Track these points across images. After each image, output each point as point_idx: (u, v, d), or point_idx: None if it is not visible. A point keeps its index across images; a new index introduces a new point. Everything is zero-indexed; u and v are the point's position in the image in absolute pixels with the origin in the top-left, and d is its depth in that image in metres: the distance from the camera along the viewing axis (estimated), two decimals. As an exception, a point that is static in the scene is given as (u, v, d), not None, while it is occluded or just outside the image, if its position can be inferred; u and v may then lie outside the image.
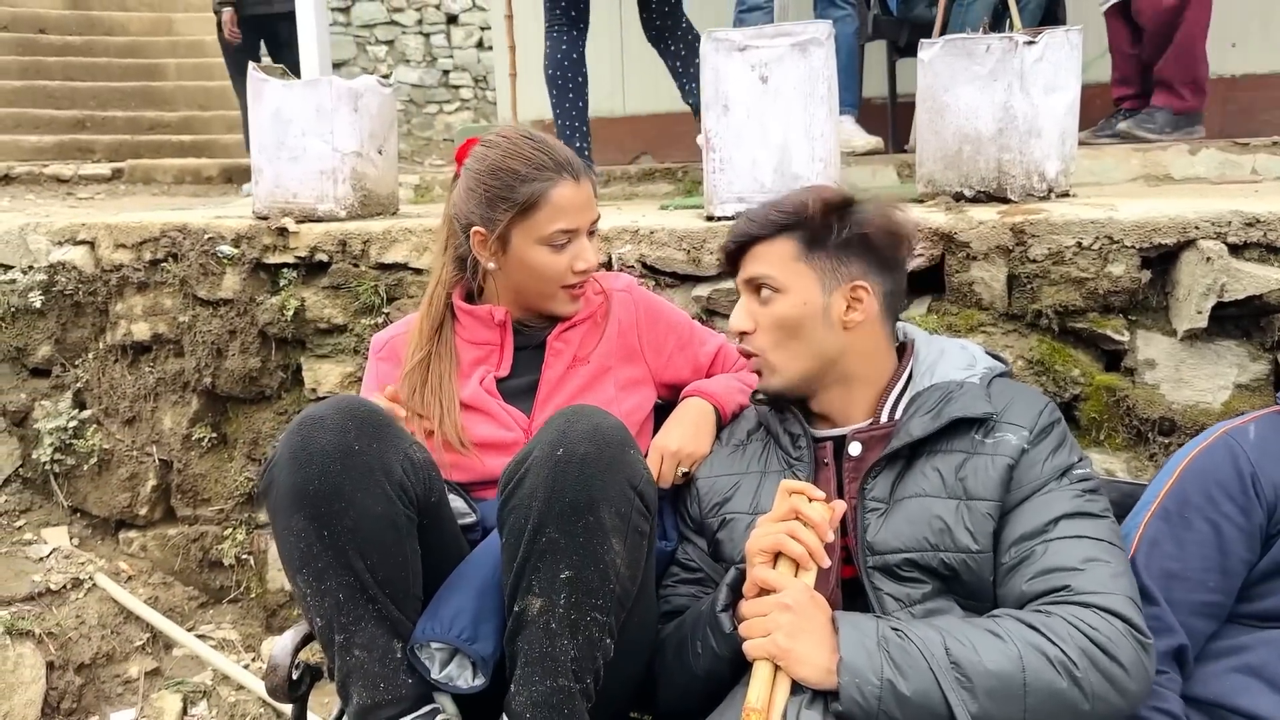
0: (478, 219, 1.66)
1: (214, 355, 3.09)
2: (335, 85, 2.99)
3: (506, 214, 1.63)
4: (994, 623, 1.26)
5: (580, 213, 1.66)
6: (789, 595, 1.28)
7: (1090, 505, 1.36)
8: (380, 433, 1.38)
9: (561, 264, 1.66)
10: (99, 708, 3.04)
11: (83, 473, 3.39)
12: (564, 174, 1.64)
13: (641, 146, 4.95)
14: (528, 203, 1.62)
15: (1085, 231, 2.07)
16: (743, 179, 2.46)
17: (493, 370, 1.73)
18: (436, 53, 9.88)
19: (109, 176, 6.52)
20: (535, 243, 1.65)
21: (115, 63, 8.10)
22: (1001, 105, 2.34)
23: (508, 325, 1.73)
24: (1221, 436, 1.43)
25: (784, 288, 1.48)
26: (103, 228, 3.29)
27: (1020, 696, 1.19)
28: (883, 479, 1.42)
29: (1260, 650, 1.36)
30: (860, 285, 1.47)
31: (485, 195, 1.65)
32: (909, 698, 1.19)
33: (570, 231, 1.65)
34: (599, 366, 1.74)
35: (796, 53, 2.39)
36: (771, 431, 1.58)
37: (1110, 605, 1.25)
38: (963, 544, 1.35)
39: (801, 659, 1.24)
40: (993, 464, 1.38)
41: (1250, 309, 1.96)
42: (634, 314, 1.82)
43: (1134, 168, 3.13)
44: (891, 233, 1.49)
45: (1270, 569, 1.36)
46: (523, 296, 1.72)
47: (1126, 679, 1.22)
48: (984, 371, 1.49)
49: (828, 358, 1.48)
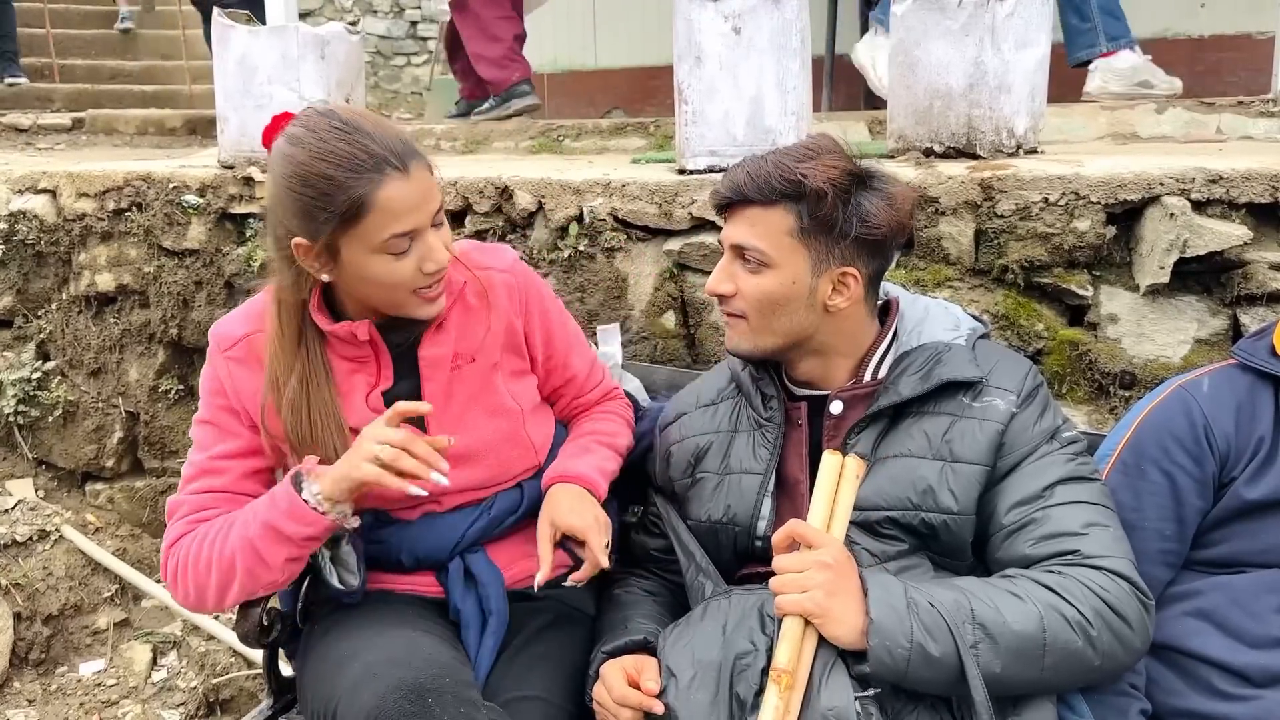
0: (297, 229, 1.42)
1: (180, 306, 3.06)
2: (302, 32, 2.94)
3: (329, 224, 1.39)
4: (1012, 583, 1.28)
5: (417, 210, 1.42)
6: (828, 553, 1.28)
7: (1082, 468, 1.39)
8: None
9: (407, 269, 1.44)
10: (68, 658, 3.04)
11: (47, 424, 3.36)
12: (387, 169, 1.39)
13: (613, 100, 4.92)
14: (350, 212, 1.38)
15: (1052, 187, 2.09)
16: (715, 131, 2.45)
17: (374, 385, 1.57)
18: (404, 3, 9.71)
19: (69, 127, 6.37)
20: (370, 252, 1.42)
21: (74, 9, 7.89)
22: (973, 61, 2.34)
23: (377, 339, 1.55)
24: (1176, 390, 1.47)
25: (774, 263, 1.42)
26: (64, 176, 3.23)
27: (1040, 656, 1.23)
28: (865, 436, 1.43)
29: (1211, 595, 1.40)
30: (849, 272, 1.43)
31: (299, 205, 1.41)
32: (938, 659, 1.20)
33: (409, 233, 1.42)
34: (486, 363, 1.62)
35: (770, 4, 2.37)
36: (744, 390, 1.58)
37: (1116, 568, 1.29)
38: (945, 505, 1.36)
39: (839, 619, 1.23)
40: (981, 428, 1.39)
41: (1211, 265, 1.99)
42: (521, 299, 1.66)
43: (1101, 126, 3.15)
44: (899, 224, 1.44)
45: (1222, 517, 1.40)
46: (371, 304, 1.52)
47: (1133, 636, 1.27)
48: (968, 333, 1.50)
49: (804, 335, 1.47)
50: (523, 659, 1.57)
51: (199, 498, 1.55)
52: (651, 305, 2.43)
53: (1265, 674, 1.33)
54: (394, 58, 9.74)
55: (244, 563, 1.45)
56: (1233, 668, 1.34)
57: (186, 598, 1.53)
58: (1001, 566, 1.36)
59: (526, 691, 1.49)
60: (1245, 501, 1.38)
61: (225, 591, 1.49)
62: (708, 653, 1.31)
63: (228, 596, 1.50)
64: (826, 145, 1.45)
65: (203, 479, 1.56)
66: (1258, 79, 3.58)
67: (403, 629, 1.50)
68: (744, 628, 1.32)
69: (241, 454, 1.57)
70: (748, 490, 1.50)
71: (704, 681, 1.28)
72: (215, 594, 1.50)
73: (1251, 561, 1.40)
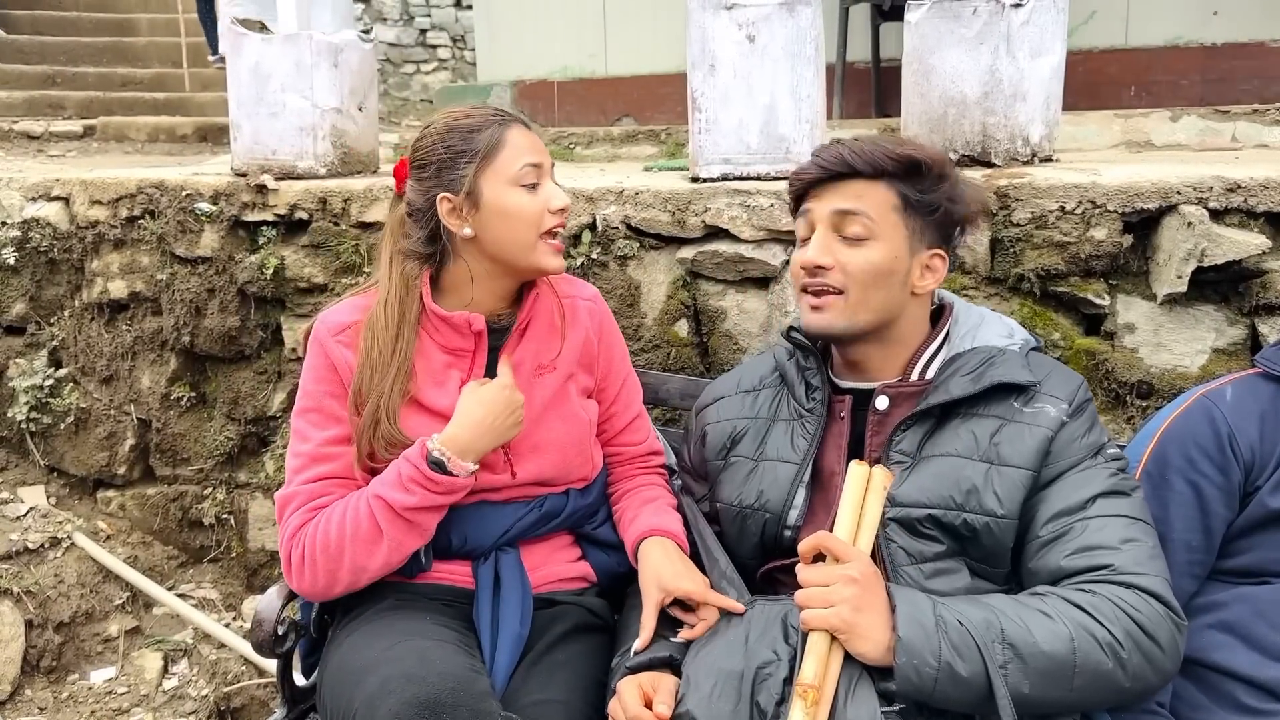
0: (440, 186, 1.61)
1: (192, 314, 3.06)
2: (315, 40, 2.94)
3: (470, 166, 1.60)
4: (1042, 602, 1.27)
5: (539, 151, 1.64)
6: (855, 567, 1.26)
7: (1124, 483, 1.37)
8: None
9: (538, 204, 1.62)
10: (79, 665, 3.04)
11: (59, 431, 3.36)
12: (510, 120, 1.63)
13: (624, 109, 4.92)
14: (489, 147, 1.60)
15: (1068, 196, 2.08)
16: (729, 140, 2.45)
17: (467, 377, 1.66)
18: (414, 11, 9.74)
19: (80, 134, 6.41)
20: (507, 185, 1.60)
21: (85, 17, 7.95)
22: (987, 68, 2.33)
23: (484, 334, 1.67)
24: (1199, 399, 1.46)
25: (879, 235, 1.43)
26: (78, 183, 3.24)
27: (1070, 677, 1.21)
28: (911, 434, 1.43)
29: (1235, 607, 1.39)
30: (939, 254, 1.46)
31: (442, 160, 1.61)
32: (966, 679, 1.19)
33: (537, 167, 1.62)
34: (564, 373, 1.72)
35: (784, 12, 2.37)
36: (788, 380, 1.58)
37: (1150, 587, 1.27)
38: (988, 507, 1.35)
39: (865, 635, 1.22)
40: (1030, 433, 1.38)
41: (1229, 274, 1.98)
42: (599, 326, 1.80)
43: (1116, 134, 3.15)
44: (982, 210, 1.48)
45: (1246, 525, 1.39)
46: (502, 257, 1.64)
47: (1164, 659, 1.25)
48: (1021, 342, 1.50)
49: (892, 315, 1.47)
50: (543, 665, 1.57)
51: (312, 486, 1.59)
52: (664, 313, 2.43)
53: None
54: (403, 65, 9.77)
55: (390, 536, 1.53)
56: (1258, 681, 1.33)
57: (314, 584, 1.56)
58: (1034, 576, 1.35)
59: (550, 695, 1.50)
60: (1270, 510, 1.37)
61: (360, 571, 1.55)
62: (730, 662, 1.30)
63: (362, 575, 1.56)
64: (902, 139, 1.51)
65: (313, 466, 1.60)
66: (1271, 86, 3.57)
67: (419, 640, 1.50)
68: (767, 637, 1.31)
69: (350, 439, 1.61)
70: (782, 478, 1.50)
71: (725, 691, 1.27)
72: (348, 573, 1.55)
73: (1276, 571, 1.38)
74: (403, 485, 1.52)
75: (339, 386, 1.63)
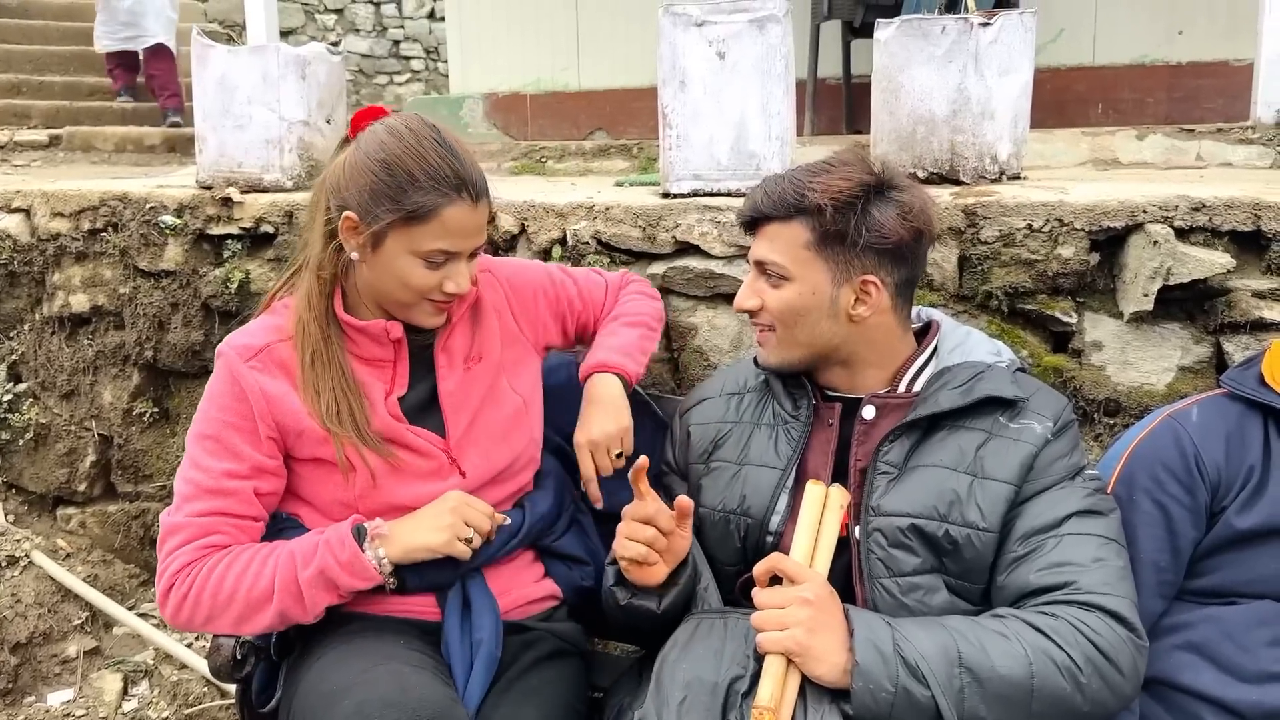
0: (354, 205, 1.50)
1: (156, 328, 3.01)
2: (282, 52, 2.92)
3: (388, 215, 1.47)
4: (1002, 624, 1.27)
5: (467, 238, 1.53)
6: (809, 589, 1.27)
7: (1100, 504, 1.39)
8: None
9: (432, 281, 1.52)
10: (35, 688, 2.97)
11: (18, 448, 3.29)
12: (462, 194, 1.49)
13: (596, 122, 4.91)
14: (414, 213, 1.47)
15: (1036, 214, 2.09)
16: (699, 156, 2.45)
17: (390, 390, 1.60)
18: (387, 22, 9.72)
19: (46, 143, 6.32)
20: (409, 254, 1.50)
21: (52, 26, 7.85)
22: (956, 87, 2.35)
23: (403, 342, 1.60)
24: (1165, 420, 1.46)
25: (792, 276, 1.46)
26: (39, 195, 3.18)
27: (1027, 701, 1.21)
28: (898, 445, 1.43)
29: (1202, 627, 1.39)
30: (870, 280, 1.45)
31: (371, 187, 1.48)
32: (922, 705, 1.19)
33: (450, 253, 1.52)
34: (491, 362, 1.68)
35: (754, 29, 2.37)
36: (772, 386, 1.59)
37: (1113, 608, 1.27)
38: (971, 519, 1.36)
39: (820, 657, 1.23)
40: (1015, 448, 1.39)
41: (1194, 292, 1.99)
42: (502, 293, 1.75)
43: (1083, 151, 3.17)
44: (914, 231, 1.46)
45: (1213, 546, 1.39)
46: (380, 299, 1.58)
47: (1123, 683, 1.25)
48: (1008, 361, 1.52)
49: (829, 346, 1.49)
50: (515, 692, 1.55)
51: (204, 521, 1.52)
52: (635, 329, 2.41)
53: (1257, 709, 1.32)
54: (376, 76, 9.74)
55: (280, 603, 1.47)
56: (1225, 703, 1.33)
57: (190, 623, 1.52)
58: (1003, 592, 1.35)
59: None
60: (1236, 531, 1.37)
61: (242, 623, 1.50)
62: (700, 674, 1.29)
63: (243, 627, 1.52)
64: (846, 159, 1.49)
65: (205, 499, 1.53)
66: (1235, 105, 3.61)
67: (396, 663, 1.47)
68: (739, 654, 1.31)
69: (250, 474, 1.55)
70: (765, 484, 1.51)
71: (694, 705, 1.26)
72: (230, 624, 1.51)
73: (1243, 592, 1.39)
74: (313, 548, 1.49)
75: (244, 420, 1.54)
